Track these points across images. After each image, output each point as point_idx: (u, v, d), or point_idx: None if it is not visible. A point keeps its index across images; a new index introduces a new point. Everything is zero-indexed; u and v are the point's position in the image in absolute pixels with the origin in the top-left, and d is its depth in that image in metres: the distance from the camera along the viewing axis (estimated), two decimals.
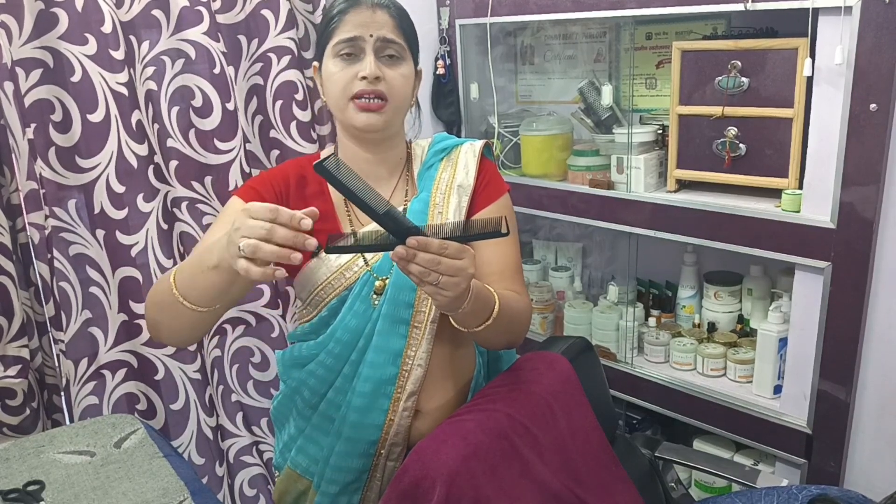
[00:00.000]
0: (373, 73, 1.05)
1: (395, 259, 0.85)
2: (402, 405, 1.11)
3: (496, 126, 1.96)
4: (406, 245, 0.83)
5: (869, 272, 1.35)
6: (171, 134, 1.61)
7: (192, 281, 0.93)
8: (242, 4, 1.66)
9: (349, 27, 1.06)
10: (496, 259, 1.12)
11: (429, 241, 0.84)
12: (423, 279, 0.86)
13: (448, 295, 0.88)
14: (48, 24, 1.41)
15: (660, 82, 1.78)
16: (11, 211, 1.44)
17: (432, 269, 0.85)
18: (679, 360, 1.72)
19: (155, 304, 1.02)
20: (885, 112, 1.25)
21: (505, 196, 1.18)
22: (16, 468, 1.18)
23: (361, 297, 1.10)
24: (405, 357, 1.10)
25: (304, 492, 1.19)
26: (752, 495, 0.93)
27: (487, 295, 1.00)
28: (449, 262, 0.85)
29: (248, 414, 1.84)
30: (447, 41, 1.97)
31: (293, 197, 1.14)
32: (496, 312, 1.00)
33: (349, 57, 1.07)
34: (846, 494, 0.89)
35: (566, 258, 2.08)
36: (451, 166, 1.17)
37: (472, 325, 1.00)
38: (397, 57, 1.09)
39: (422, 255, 0.84)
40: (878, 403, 1.43)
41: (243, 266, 0.81)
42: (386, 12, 1.08)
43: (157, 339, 1.06)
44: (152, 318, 1.04)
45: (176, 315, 0.97)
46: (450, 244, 0.85)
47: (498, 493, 1.00)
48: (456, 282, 0.87)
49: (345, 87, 1.07)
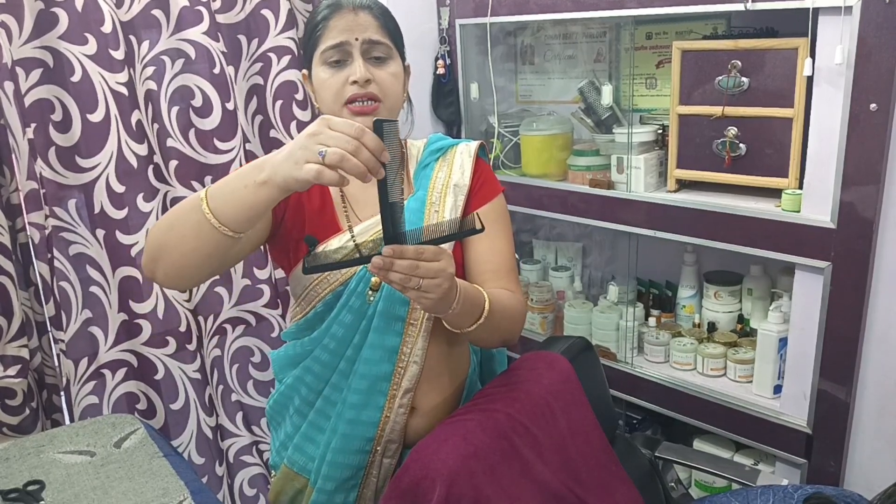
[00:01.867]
0: (363, 76, 1.06)
1: (373, 271, 0.86)
2: (397, 402, 1.12)
3: (496, 126, 1.96)
4: (382, 255, 0.85)
5: (869, 272, 1.34)
6: (171, 134, 1.61)
7: (230, 196, 0.90)
8: (242, 4, 1.66)
9: (334, 33, 1.07)
10: (490, 257, 1.13)
11: (404, 249, 0.85)
12: (405, 285, 0.87)
13: (432, 297, 0.89)
14: (48, 23, 1.41)
15: (660, 82, 1.78)
16: (11, 211, 1.44)
17: (412, 274, 0.86)
18: (679, 360, 1.71)
19: (169, 225, 0.96)
20: (885, 112, 1.25)
21: (500, 196, 1.19)
22: (16, 468, 1.18)
23: (357, 293, 1.10)
24: (401, 354, 1.11)
25: (300, 490, 1.19)
26: (749, 494, 0.93)
27: (476, 295, 1.01)
28: (427, 265, 0.87)
29: (247, 414, 1.84)
30: (447, 41, 1.97)
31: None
32: (486, 311, 1.01)
33: (338, 63, 1.07)
34: (841, 493, 0.89)
35: (566, 258, 2.08)
36: (447, 166, 1.17)
37: (463, 326, 1.01)
38: (385, 57, 1.09)
39: (399, 263, 0.85)
40: (877, 403, 1.43)
41: (314, 169, 0.80)
42: (368, 13, 1.09)
43: (152, 273, 0.99)
44: (158, 241, 0.97)
45: (196, 236, 0.92)
46: (426, 248, 0.87)
47: (498, 493, 1.00)
48: (437, 283, 0.88)
49: (337, 93, 1.07)
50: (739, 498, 0.93)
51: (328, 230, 1.12)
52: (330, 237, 1.11)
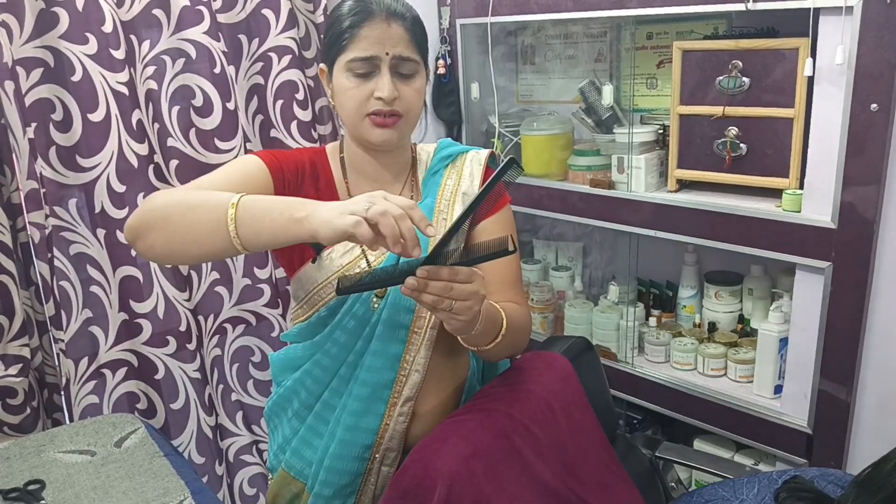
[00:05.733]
0: (390, 94, 1.03)
1: (406, 292, 0.85)
2: (398, 410, 1.11)
3: (497, 126, 1.96)
4: (416, 276, 0.85)
5: (869, 272, 1.34)
6: (172, 133, 1.61)
7: (261, 217, 0.88)
8: (243, 4, 1.66)
9: (364, 44, 1.03)
10: (497, 269, 1.12)
11: (439, 270, 0.85)
12: (437, 307, 0.87)
13: (462, 319, 0.89)
14: (49, 23, 1.41)
15: (660, 82, 1.78)
16: (12, 210, 1.44)
17: (445, 296, 0.86)
18: (679, 360, 1.71)
19: (186, 206, 0.92)
20: (886, 112, 1.25)
21: (507, 207, 1.18)
22: (16, 467, 1.18)
23: (362, 299, 1.10)
24: (403, 362, 1.10)
25: (297, 494, 1.18)
26: (735, 483, 0.93)
27: (495, 313, 1.01)
28: (460, 287, 0.86)
29: (247, 413, 1.84)
30: (448, 41, 1.97)
31: (307, 184, 1.12)
32: (504, 329, 1.01)
33: (364, 75, 1.04)
34: (824, 473, 0.89)
35: (567, 258, 2.07)
36: (457, 173, 1.16)
37: (482, 344, 1.01)
38: (412, 73, 1.07)
39: (433, 284, 0.85)
40: (878, 403, 1.43)
41: (353, 219, 0.81)
42: (401, 25, 1.05)
43: (135, 237, 0.95)
44: (165, 214, 0.93)
45: (207, 234, 0.90)
46: (460, 270, 0.86)
47: (498, 493, 1.00)
48: (468, 305, 0.88)
49: (360, 105, 1.05)
50: (726, 488, 0.93)
51: None
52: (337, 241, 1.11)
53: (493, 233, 1.09)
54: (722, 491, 0.93)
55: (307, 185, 1.12)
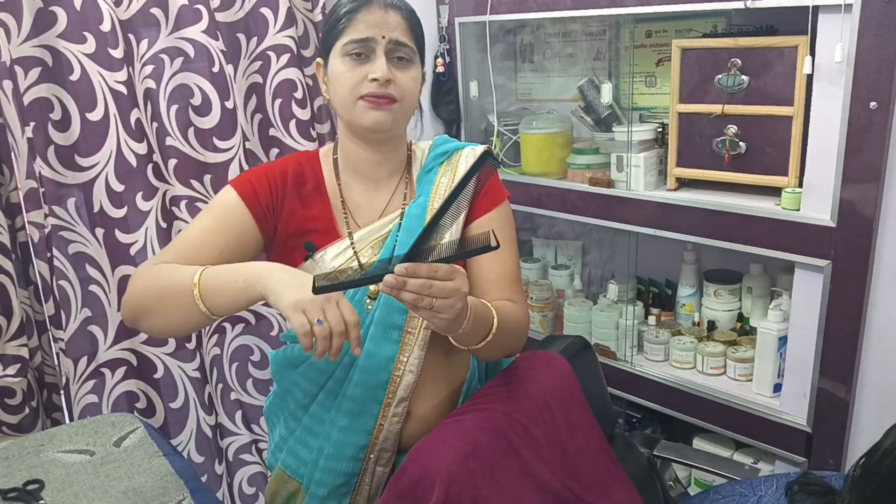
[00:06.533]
0: (384, 75, 1.03)
1: (385, 290, 0.84)
2: (392, 410, 1.10)
3: (496, 124, 1.96)
4: (395, 273, 0.83)
5: (869, 270, 1.34)
6: (171, 132, 1.61)
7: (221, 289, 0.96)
8: (241, 3, 1.66)
9: (361, 27, 1.04)
10: (494, 267, 1.11)
11: (417, 267, 0.83)
12: (417, 305, 0.85)
13: (444, 317, 0.87)
14: (47, 22, 1.41)
15: (660, 80, 1.77)
16: (11, 209, 1.44)
17: (424, 293, 0.84)
18: (679, 359, 1.71)
19: (158, 294, 1.00)
20: (886, 110, 1.25)
21: (504, 204, 1.16)
22: (15, 467, 1.18)
23: (355, 301, 1.09)
24: (397, 363, 1.09)
25: (293, 493, 1.18)
26: (753, 482, 0.94)
27: (485, 312, 0.99)
28: (441, 284, 0.85)
29: (247, 412, 1.84)
30: (447, 39, 1.97)
31: (289, 195, 1.12)
32: (495, 328, 1.00)
33: (359, 57, 1.04)
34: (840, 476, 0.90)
35: (566, 256, 2.07)
36: (451, 171, 1.15)
37: (470, 343, 1.00)
38: (407, 60, 1.07)
39: (412, 282, 0.83)
40: (877, 402, 1.43)
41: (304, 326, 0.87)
42: (398, 14, 1.06)
43: (133, 324, 1.05)
44: (144, 304, 1.01)
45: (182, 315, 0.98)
46: (440, 266, 0.85)
47: (497, 493, 1.00)
48: (450, 303, 0.86)
49: (353, 87, 1.05)
50: (744, 485, 0.93)
51: (327, 236, 1.11)
52: (329, 243, 1.10)
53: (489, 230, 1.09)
54: (740, 488, 0.93)
55: (289, 197, 1.12)
